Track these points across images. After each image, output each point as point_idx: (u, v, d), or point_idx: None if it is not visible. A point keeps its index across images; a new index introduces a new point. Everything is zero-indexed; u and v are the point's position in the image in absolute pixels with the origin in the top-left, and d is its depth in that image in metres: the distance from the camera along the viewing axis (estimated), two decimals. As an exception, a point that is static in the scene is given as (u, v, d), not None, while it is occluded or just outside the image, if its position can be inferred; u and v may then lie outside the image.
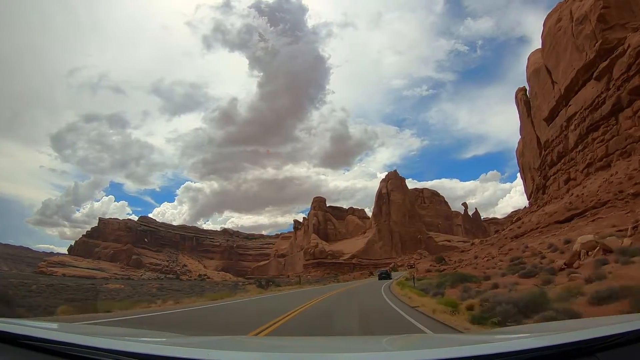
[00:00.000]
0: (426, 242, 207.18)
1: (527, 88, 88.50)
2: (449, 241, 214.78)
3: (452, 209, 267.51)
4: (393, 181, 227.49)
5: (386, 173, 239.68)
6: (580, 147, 52.68)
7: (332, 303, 15.59)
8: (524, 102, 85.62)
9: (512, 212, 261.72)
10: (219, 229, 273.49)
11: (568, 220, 38.97)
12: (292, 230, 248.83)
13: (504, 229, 71.88)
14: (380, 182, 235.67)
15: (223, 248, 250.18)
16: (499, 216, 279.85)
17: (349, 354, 2.19)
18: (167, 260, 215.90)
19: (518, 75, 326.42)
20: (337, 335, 6.62)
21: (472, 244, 72.19)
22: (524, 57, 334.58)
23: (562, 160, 56.74)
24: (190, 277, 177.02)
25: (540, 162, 70.05)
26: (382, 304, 14.57)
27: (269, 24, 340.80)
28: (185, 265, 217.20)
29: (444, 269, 45.27)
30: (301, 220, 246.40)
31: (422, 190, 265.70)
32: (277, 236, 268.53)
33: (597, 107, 49.82)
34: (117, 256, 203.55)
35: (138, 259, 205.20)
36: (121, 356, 1.53)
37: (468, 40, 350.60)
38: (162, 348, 1.72)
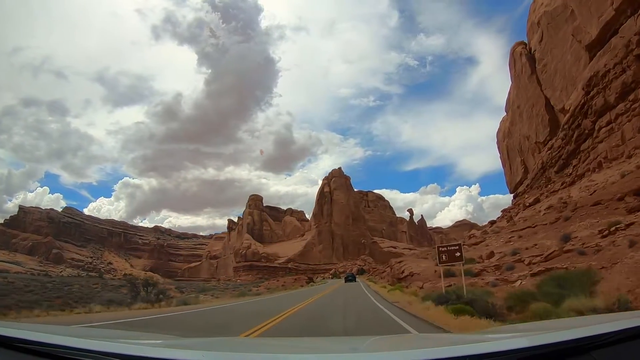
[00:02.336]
0: (370, 248, 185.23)
1: (527, 42, 68.65)
2: (394, 247, 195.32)
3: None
4: (337, 179, 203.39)
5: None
6: (675, 67, 30.93)
7: None
8: (526, 57, 65.10)
9: (456, 222, 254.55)
10: (150, 226, 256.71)
11: None
12: (227, 231, 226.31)
13: (512, 217, 49.15)
14: (323, 179, 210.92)
15: (152, 246, 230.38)
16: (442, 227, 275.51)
17: (347, 355, 2.18)
18: (91, 257, 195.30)
19: (463, 93, 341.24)
20: (329, 336, 6.44)
21: (470, 235, 47.87)
22: (471, 76, 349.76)
23: (630, 97, 35.11)
24: (115, 275, 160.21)
25: (567, 121, 48.48)
26: None
27: (221, 20, 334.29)
28: (111, 263, 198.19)
29: (481, 272, 19.53)
30: (236, 220, 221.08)
31: (366, 194, 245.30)
32: (210, 237, 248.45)
33: None
34: (36, 249, 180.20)
35: (59, 253, 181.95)
36: (115, 359, 1.49)
37: (418, 56, 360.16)
38: (158, 350, 1.66)
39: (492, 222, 51.40)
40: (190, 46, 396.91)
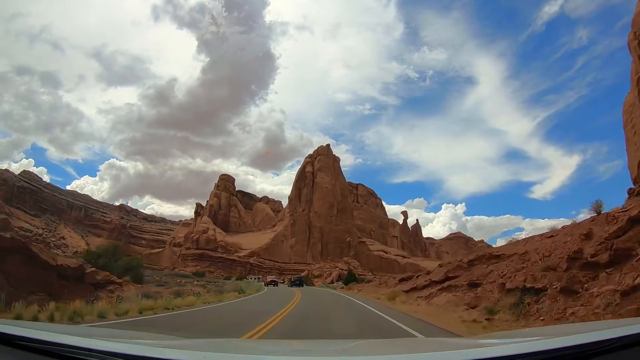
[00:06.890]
0: (357, 249, 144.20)
1: None
2: (385, 252, 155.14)
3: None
4: (323, 159, 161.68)
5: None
6: None
7: None
8: None
9: (450, 234, 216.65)
10: (115, 204, 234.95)
11: None
12: (194, 216, 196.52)
13: None
14: (306, 157, 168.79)
15: (114, 226, 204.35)
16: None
17: (349, 357, 2.24)
18: (43, 229, 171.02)
19: (459, 112, 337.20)
20: (335, 339, 6.68)
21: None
22: (468, 96, 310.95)
23: None
24: (64, 252, 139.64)
25: None
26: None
27: (224, 8, 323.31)
28: (64, 238, 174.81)
29: None
30: (205, 204, 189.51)
31: (356, 187, 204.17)
32: (178, 222, 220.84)
33: None
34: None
35: (6, 220, 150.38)
36: (118, 358, 1.51)
37: (419, 69, 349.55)
38: (161, 351, 1.67)
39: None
40: (190, 31, 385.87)
